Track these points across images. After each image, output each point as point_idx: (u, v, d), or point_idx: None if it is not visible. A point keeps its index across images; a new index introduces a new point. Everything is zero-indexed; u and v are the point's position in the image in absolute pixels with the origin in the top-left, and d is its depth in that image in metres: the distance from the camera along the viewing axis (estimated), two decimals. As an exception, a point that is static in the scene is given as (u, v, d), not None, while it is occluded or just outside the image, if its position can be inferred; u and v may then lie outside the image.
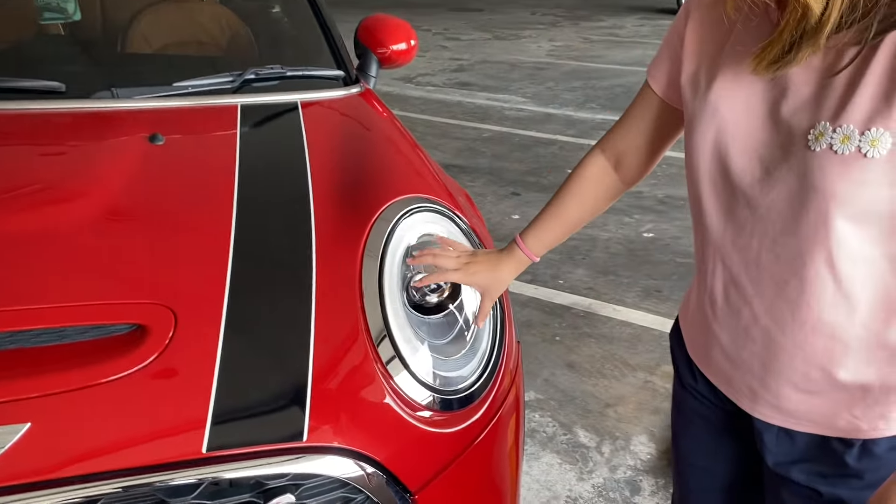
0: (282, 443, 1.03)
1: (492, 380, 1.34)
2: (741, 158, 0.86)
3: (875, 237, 0.79)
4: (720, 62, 0.88)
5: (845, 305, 0.83)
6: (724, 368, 0.99)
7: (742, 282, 0.90)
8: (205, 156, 1.51)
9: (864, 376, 0.86)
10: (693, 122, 0.91)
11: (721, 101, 0.86)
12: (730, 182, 0.87)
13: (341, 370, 1.14)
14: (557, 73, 7.79)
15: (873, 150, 0.74)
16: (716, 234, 0.92)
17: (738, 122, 0.85)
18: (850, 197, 0.77)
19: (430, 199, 1.48)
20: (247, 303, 1.15)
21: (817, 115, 0.78)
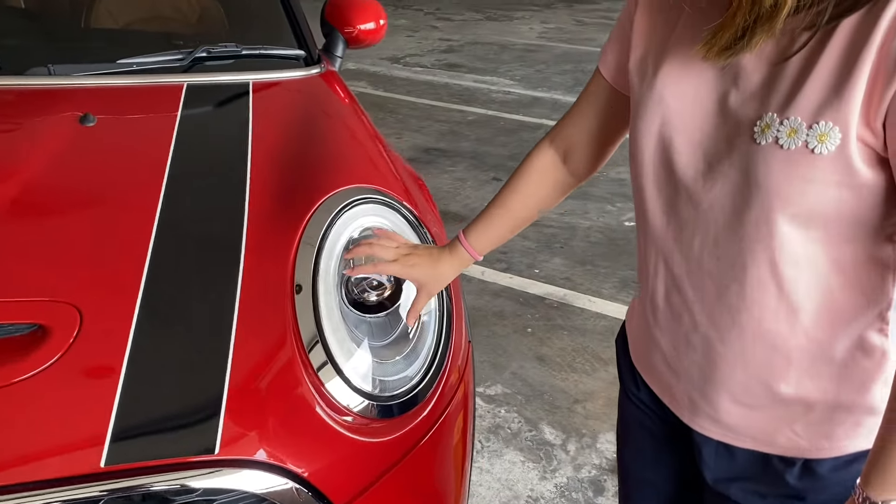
0: (190, 456, 0.96)
1: (436, 381, 1.26)
2: (686, 151, 0.79)
3: (821, 240, 0.74)
4: (669, 47, 0.82)
5: (788, 314, 0.78)
6: (664, 377, 0.93)
7: (683, 285, 0.84)
8: (138, 139, 1.42)
9: (807, 392, 0.81)
10: (638, 110, 0.84)
11: (668, 88, 0.80)
12: (673, 176, 0.81)
13: (263, 377, 1.06)
14: (548, 56, 7.67)
15: (821, 145, 0.68)
16: (658, 232, 0.86)
17: (684, 111, 0.79)
18: (794, 196, 0.71)
19: (377, 190, 1.40)
20: (163, 302, 1.06)
21: (765, 106, 0.72)
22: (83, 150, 1.32)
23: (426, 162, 4.49)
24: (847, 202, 0.71)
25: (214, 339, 1.05)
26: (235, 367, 1.03)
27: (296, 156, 1.45)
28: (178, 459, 0.95)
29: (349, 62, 6.98)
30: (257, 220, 1.24)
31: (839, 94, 0.67)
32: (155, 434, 0.96)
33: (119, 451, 0.92)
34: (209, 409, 0.99)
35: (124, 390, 0.96)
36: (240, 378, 1.02)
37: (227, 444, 0.98)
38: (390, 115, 5.39)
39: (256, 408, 1.03)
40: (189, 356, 1.03)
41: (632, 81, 0.88)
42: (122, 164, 1.32)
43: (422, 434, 1.23)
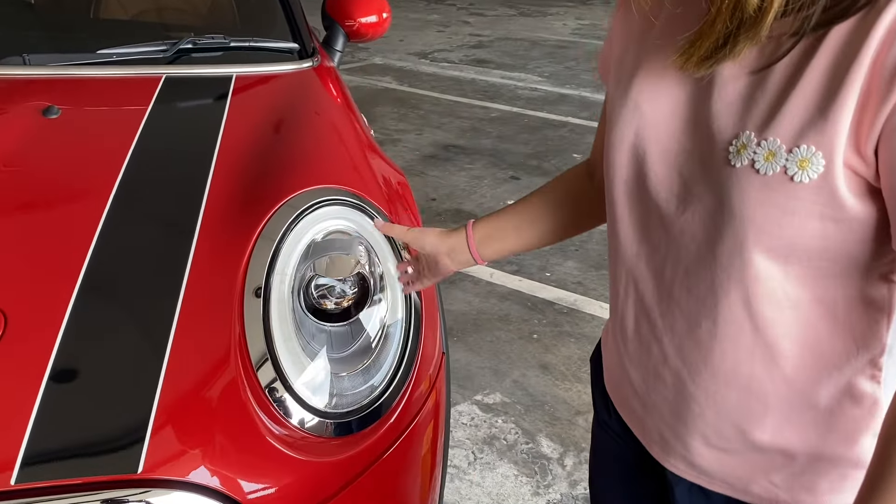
0: (110, 475, 0.89)
1: (399, 393, 1.19)
2: (659, 167, 0.71)
3: (803, 277, 0.64)
4: (645, 51, 0.73)
5: (765, 356, 0.69)
6: (635, 409, 0.84)
7: (653, 314, 0.76)
8: (99, 134, 1.36)
9: (786, 440, 0.72)
10: (613, 118, 0.75)
11: (643, 96, 0.71)
12: (645, 194, 0.73)
13: (201, 393, 0.99)
14: (580, 53, 7.52)
15: (801, 172, 0.59)
16: (628, 252, 0.77)
17: (659, 122, 0.70)
18: (771, 227, 0.62)
19: (348, 192, 1.32)
20: (96, 309, 1.00)
21: (742, 123, 0.63)
22: (39, 144, 1.27)
23: (444, 159, 4.41)
24: (832, 237, 0.62)
25: (148, 350, 0.98)
26: (168, 379, 0.96)
27: (267, 153, 1.38)
28: (97, 478, 0.89)
29: (375, 57, 6.94)
30: (213, 216, 1.17)
31: (824, 115, 0.57)
32: (74, 451, 0.89)
33: (33, 469, 0.86)
34: (135, 425, 0.92)
35: (44, 402, 0.90)
36: (172, 392, 0.96)
37: (154, 463, 0.91)
38: (412, 111, 5.31)
39: (190, 425, 0.96)
40: (119, 369, 0.97)
41: (608, 86, 0.80)
42: (76, 161, 1.27)
43: (381, 451, 1.15)
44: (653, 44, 0.71)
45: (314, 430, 1.08)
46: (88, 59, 1.59)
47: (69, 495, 0.87)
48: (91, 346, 0.97)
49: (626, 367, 0.83)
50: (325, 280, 1.20)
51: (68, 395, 0.92)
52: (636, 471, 0.91)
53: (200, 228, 1.15)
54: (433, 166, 4.28)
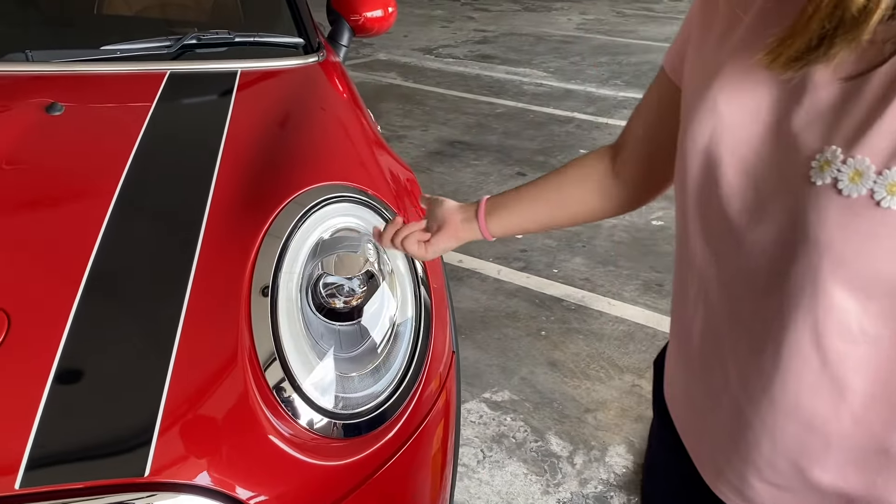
0: (116, 478, 0.87)
1: (409, 394, 1.17)
2: (733, 176, 0.64)
3: (884, 314, 0.58)
4: (730, 47, 0.66)
5: (831, 392, 0.62)
6: (692, 428, 0.78)
7: (720, 332, 0.69)
8: (103, 131, 1.34)
9: (849, 484, 0.65)
10: (687, 118, 0.69)
11: (722, 96, 0.64)
12: (717, 201, 0.66)
13: (208, 394, 0.97)
14: (585, 48, 7.49)
15: (891, 198, 0.53)
16: (698, 261, 0.71)
17: (736, 126, 0.63)
18: (851, 255, 0.56)
19: (357, 189, 1.30)
20: (101, 309, 0.98)
21: (829, 137, 0.57)
22: (42, 142, 1.25)
23: (450, 155, 4.38)
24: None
25: (154, 351, 0.96)
26: (175, 381, 0.94)
27: (273, 149, 1.36)
28: (102, 482, 0.87)
29: (380, 53, 6.91)
30: (220, 214, 1.15)
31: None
32: (79, 454, 0.88)
33: (37, 473, 0.85)
34: (142, 428, 0.90)
35: (48, 405, 0.88)
36: (179, 394, 0.94)
37: (161, 467, 0.89)
38: (417, 107, 5.29)
39: (198, 427, 0.94)
40: (125, 370, 0.95)
41: (685, 81, 0.74)
42: (79, 158, 1.25)
43: (392, 452, 1.13)
44: (739, 40, 0.65)
45: (323, 432, 1.06)
46: (92, 56, 1.57)
47: (74, 499, 0.85)
48: (96, 347, 0.95)
49: (687, 383, 0.77)
50: (333, 278, 1.18)
51: (73, 397, 0.90)
52: (687, 486, 0.84)
53: (206, 226, 1.13)
54: (439, 163, 4.25)
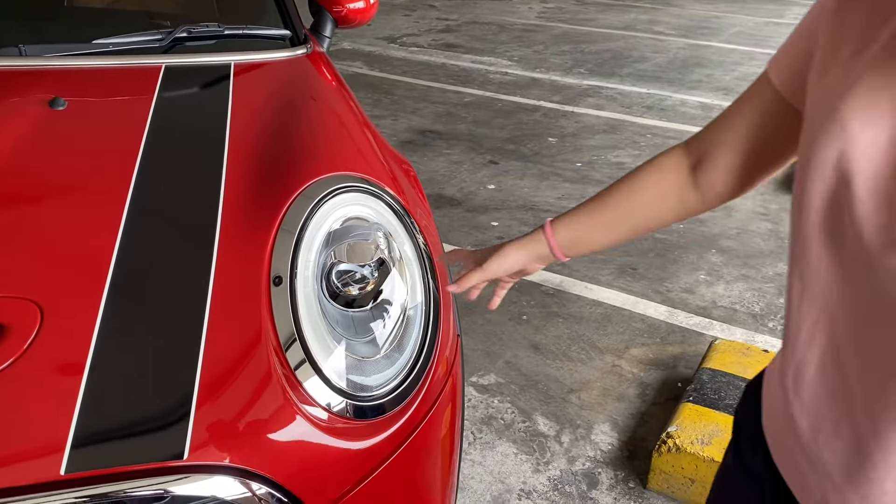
0: (158, 462, 0.90)
1: (422, 378, 1.21)
2: (867, 197, 0.60)
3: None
4: (866, 61, 0.62)
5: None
6: (798, 462, 0.73)
7: (846, 356, 0.65)
8: (109, 124, 1.35)
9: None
10: (812, 137, 0.66)
11: (854, 114, 0.61)
12: (848, 224, 0.63)
13: (237, 377, 1.00)
14: (546, 37, 7.57)
15: None
16: (822, 285, 0.67)
17: (872, 147, 0.60)
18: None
19: (362, 178, 1.34)
20: (130, 297, 1.01)
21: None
22: (51, 136, 1.26)
23: (422, 144, 4.42)
24: None
25: (184, 337, 0.99)
26: (206, 366, 0.97)
27: (277, 141, 1.38)
28: (145, 465, 0.90)
29: (344, 42, 6.88)
30: (233, 208, 1.18)
31: None
32: (120, 439, 0.90)
33: (80, 458, 0.87)
34: (178, 411, 0.93)
35: (87, 393, 0.91)
36: (211, 378, 0.97)
37: (197, 448, 0.93)
38: (386, 97, 5.30)
39: (228, 409, 0.98)
40: (157, 355, 0.98)
41: (809, 97, 0.69)
42: (91, 151, 1.26)
43: (406, 434, 1.18)
44: (874, 57, 0.61)
45: (340, 413, 1.10)
46: (85, 50, 1.57)
47: (117, 483, 0.88)
48: (128, 335, 0.98)
49: (793, 414, 0.72)
50: (346, 266, 1.21)
51: (110, 384, 0.92)
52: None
53: (221, 220, 1.16)
54: (411, 152, 4.28)
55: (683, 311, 2.79)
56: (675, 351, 2.55)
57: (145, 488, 0.88)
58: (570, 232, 0.92)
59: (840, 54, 0.65)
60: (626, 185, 0.90)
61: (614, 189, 0.91)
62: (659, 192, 0.88)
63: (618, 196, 0.90)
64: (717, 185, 0.85)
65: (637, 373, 2.44)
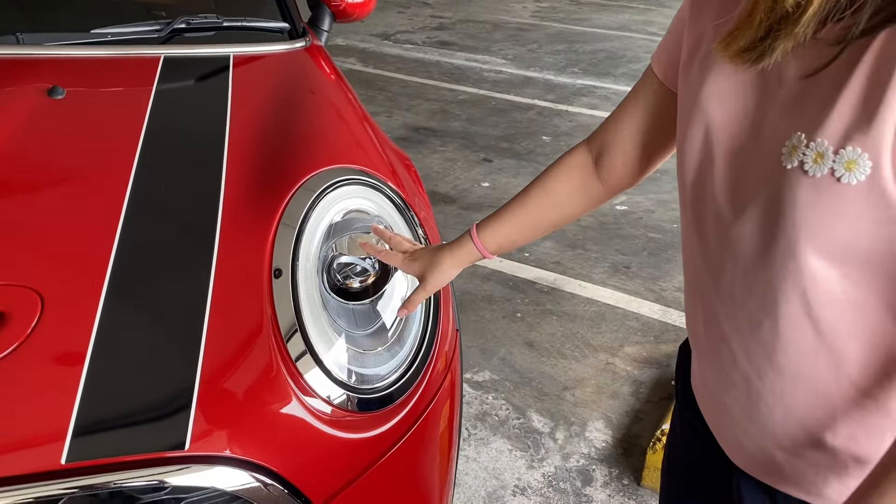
0: (159, 452, 0.90)
1: (422, 372, 1.21)
2: (724, 169, 0.71)
3: (865, 281, 0.64)
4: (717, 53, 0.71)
5: (829, 358, 0.68)
6: (711, 408, 0.84)
7: (719, 316, 0.76)
8: (109, 114, 1.34)
9: (861, 446, 0.70)
10: (683, 121, 0.76)
11: (712, 98, 0.71)
12: (709, 195, 0.73)
13: (238, 367, 1.00)
14: (541, 35, 7.57)
15: (848, 174, 0.59)
16: (696, 256, 0.77)
17: (726, 123, 0.70)
18: (823, 230, 0.62)
19: (363, 171, 1.34)
20: (131, 287, 1.00)
21: (794, 125, 0.64)
22: (50, 125, 1.25)
23: (416, 141, 4.41)
24: (892, 239, 0.60)
25: (186, 326, 0.98)
26: (208, 356, 0.97)
27: (277, 134, 1.38)
28: (147, 455, 0.89)
29: (338, 38, 6.86)
30: (234, 201, 1.17)
31: (869, 117, 0.58)
32: (121, 428, 0.90)
33: (81, 447, 0.86)
34: (179, 401, 0.93)
35: (88, 382, 0.90)
36: (212, 368, 0.97)
37: (198, 438, 0.92)
38: (380, 93, 5.29)
39: (230, 400, 0.97)
40: (158, 345, 0.97)
41: (681, 87, 0.79)
42: (90, 141, 1.25)
43: (406, 427, 1.17)
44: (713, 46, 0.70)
45: (341, 405, 1.09)
46: (83, 39, 1.56)
47: (118, 473, 0.88)
48: (129, 326, 0.97)
49: (702, 369, 0.83)
50: (347, 259, 1.21)
51: (111, 374, 0.92)
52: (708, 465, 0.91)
53: (222, 213, 1.15)
54: (406, 149, 4.26)
55: (677, 309, 2.80)
56: (668, 349, 2.56)
57: (146, 478, 0.88)
58: (496, 236, 1.01)
59: (700, 45, 0.74)
60: (539, 187, 0.99)
61: (530, 192, 0.99)
62: (569, 190, 0.97)
63: (534, 199, 0.99)
64: (619, 174, 0.94)
65: (631, 371, 2.45)
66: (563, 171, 0.98)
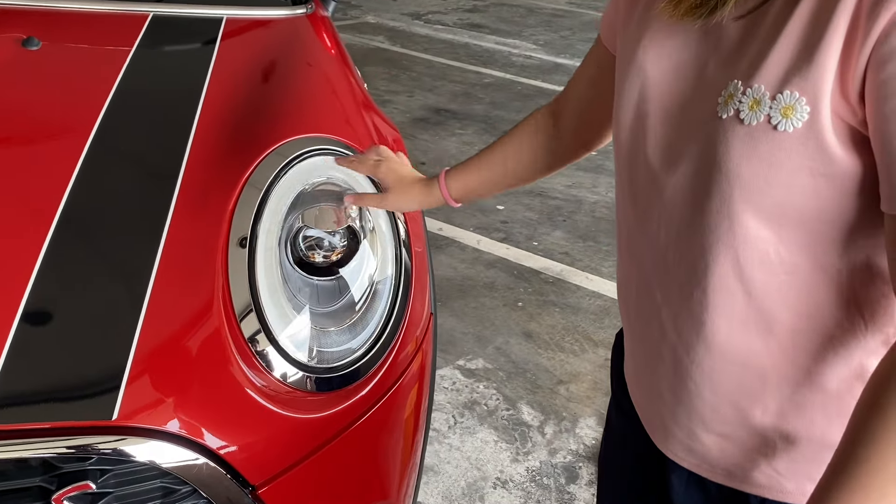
0: (84, 421, 0.85)
1: (385, 353, 1.15)
2: (657, 129, 0.68)
3: (799, 241, 0.61)
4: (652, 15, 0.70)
5: (759, 325, 0.65)
6: (640, 391, 0.81)
7: (652, 286, 0.72)
8: (81, 69, 1.30)
9: (790, 423, 0.67)
10: (619, 81, 0.74)
11: (648, 56, 0.69)
12: (644, 156, 0.70)
13: (181, 341, 0.95)
14: (575, 22, 7.42)
15: (785, 120, 0.56)
16: (630, 221, 0.75)
17: (662, 83, 0.68)
18: (758, 183, 0.59)
19: (342, 143, 1.28)
20: (73, 248, 0.96)
21: (731, 73, 0.61)
22: (18, 75, 1.21)
23: (435, 123, 4.34)
24: (826, 195, 0.58)
25: (127, 291, 0.94)
26: (147, 325, 0.92)
27: (256, 99, 1.32)
28: (71, 423, 0.85)
29: (368, 15, 6.80)
30: (198, 161, 1.12)
31: (808, 59, 0.55)
32: (46, 395, 0.85)
33: (2, 412, 0.82)
34: (111, 371, 0.88)
35: (15, 342, 0.86)
36: (151, 338, 0.92)
37: (129, 411, 0.88)
38: (404, 73, 5.23)
39: (168, 373, 0.92)
40: (96, 310, 0.93)
41: (618, 48, 0.77)
42: (57, 93, 1.21)
43: (363, 410, 1.12)
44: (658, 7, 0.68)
45: (296, 385, 1.05)
46: (72, -8, 1.51)
47: (39, 440, 0.84)
48: (66, 289, 0.93)
49: (633, 345, 0.80)
50: (313, 232, 1.15)
51: (41, 337, 0.88)
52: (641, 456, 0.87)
53: (184, 173, 1.10)
54: (423, 130, 4.21)
55: (685, 308, 2.71)
56: (671, 349, 2.48)
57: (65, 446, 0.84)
58: (461, 184, 1.03)
59: (635, 9, 0.74)
60: (506, 141, 1.01)
61: (497, 146, 1.01)
62: (532, 146, 0.98)
63: (499, 152, 1.01)
64: (572, 137, 0.95)
65: (630, 368, 2.37)
66: (529, 127, 1.00)
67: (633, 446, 0.88)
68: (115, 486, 0.87)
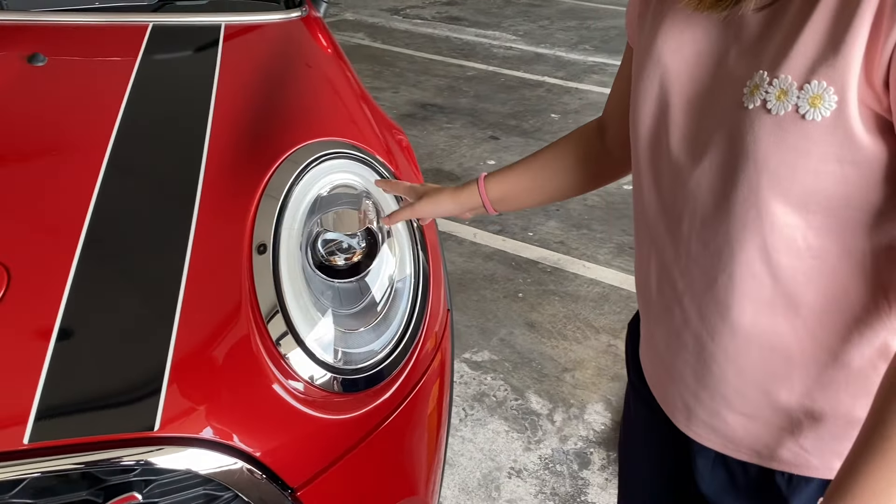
0: (127, 433, 0.87)
1: (408, 352, 1.17)
2: (681, 118, 0.69)
3: (827, 227, 0.62)
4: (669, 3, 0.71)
5: (786, 307, 0.66)
6: (659, 376, 0.82)
7: (673, 274, 0.74)
8: (90, 83, 1.30)
9: (815, 402, 0.69)
10: (637, 74, 0.74)
11: (666, 47, 0.70)
12: (666, 146, 0.71)
13: (213, 347, 0.96)
14: (553, 12, 7.44)
15: (813, 110, 0.57)
16: (649, 211, 0.76)
17: (682, 73, 0.69)
18: (786, 171, 0.60)
19: (352, 145, 1.29)
20: (103, 262, 0.97)
21: (757, 64, 0.62)
22: (27, 92, 1.21)
23: (422, 118, 4.35)
24: (853, 182, 0.59)
25: (159, 305, 0.95)
26: (181, 335, 0.93)
27: (265, 105, 1.33)
28: (114, 436, 0.86)
29: (347, 13, 6.78)
30: (215, 171, 1.13)
31: (835, 48, 0.56)
32: (87, 408, 0.87)
33: (46, 427, 0.83)
34: (150, 382, 0.89)
35: (54, 359, 0.87)
36: (186, 348, 0.93)
37: (169, 420, 0.89)
38: (387, 69, 5.22)
39: (204, 381, 0.94)
40: (130, 323, 0.94)
41: (636, 43, 0.78)
42: (69, 110, 1.21)
43: (391, 409, 1.14)
44: None
45: (324, 386, 1.06)
46: (71, 6, 1.51)
47: (83, 454, 0.85)
48: (99, 302, 0.94)
49: (651, 332, 0.82)
50: (332, 235, 1.17)
51: (79, 351, 0.89)
52: (663, 440, 0.88)
53: (203, 184, 1.11)
54: (411, 125, 4.22)
55: (682, 291, 2.75)
56: (672, 332, 2.51)
57: (115, 460, 0.85)
58: (502, 190, 1.00)
59: (650, 2, 0.74)
60: (551, 151, 0.98)
61: (541, 154, 0.99)
62: (577, 158, 0.96)
63: (543, 160, 0.98)
64: (619, 141, 0.91)
65: (633, 353, 2.40)
66: (574, 139, 0.98)
67: (654, 431, 0.89)
68: (161, 496, 0.89)
